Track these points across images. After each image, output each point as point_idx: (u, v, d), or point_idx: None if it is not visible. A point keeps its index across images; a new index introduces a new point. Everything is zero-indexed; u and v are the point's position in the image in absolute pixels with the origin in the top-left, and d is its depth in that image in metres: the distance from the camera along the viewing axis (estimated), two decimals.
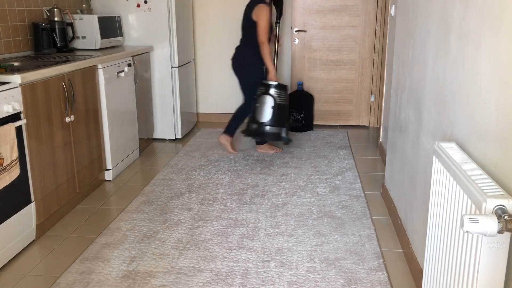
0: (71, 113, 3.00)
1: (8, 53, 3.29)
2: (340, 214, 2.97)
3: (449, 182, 1.45)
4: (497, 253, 1.17)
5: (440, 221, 1.54)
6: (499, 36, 1.36)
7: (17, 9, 3.38)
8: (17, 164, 2.40)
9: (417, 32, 2.42)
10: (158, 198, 3.24)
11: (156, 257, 2.46)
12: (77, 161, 3.10)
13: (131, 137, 3.95)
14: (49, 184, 2.76)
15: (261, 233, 2.73)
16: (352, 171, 3.74)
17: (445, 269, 1.47)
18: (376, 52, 5.00)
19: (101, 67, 3.38)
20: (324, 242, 2.62)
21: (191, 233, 2.72)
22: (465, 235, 1.28)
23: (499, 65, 1.36)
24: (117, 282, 2.24)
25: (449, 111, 1.84)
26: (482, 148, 1.48)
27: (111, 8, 4.39)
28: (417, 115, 2.38)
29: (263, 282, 2.23)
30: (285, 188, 3.40)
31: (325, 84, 5.13)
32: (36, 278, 2.30)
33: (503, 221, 1.10)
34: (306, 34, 5.02)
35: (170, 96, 4.53)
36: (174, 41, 4.44)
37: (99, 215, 3.01)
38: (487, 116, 1.44)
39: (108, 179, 3.60)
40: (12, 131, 2.35)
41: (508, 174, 1.29)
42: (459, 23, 1.73)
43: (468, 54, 1.62)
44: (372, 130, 5.09)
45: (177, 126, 4.65)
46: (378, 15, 4.91)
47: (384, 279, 2.26)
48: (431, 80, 2.11)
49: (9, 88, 2.38)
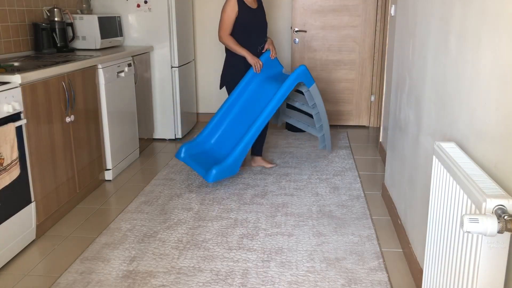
0: (71, 113, 3.00)
1: (8, 53, 3.29)
2: (340, 214, 2.97)
3: (449, 182, 1.45)
4: (497, 253, 1.17)
5: (440, 221, 1.54)
6: (499, 36, 1.36)
7: (17, 9, 3.38)
8: (17, 164, 2.40)
9: (417, 32, 2.42)
10: (158, 198, 3.24)
11: (156, 257, 2.46)
12: (77, 161, 3.10)
13: (131, 137, 3.95)
14: (49, 184, 2.76)
15: (261, 233, 2.73)
16: (352, 171, 3.74)
17: (445, 269, 1.47)
18: (376, 52, 5.00)
19: (101, 67, 3.38)
20: (324, 242, 2.62)
21: (191, 233, 2.73)
22: (465, 235, 1.28)
23: (499, 65, 1.36)
24: (117, 282, 2.24)
25: (449, 111, 1.84)
26: (482, 148, 1.48)
27: (111, 8, 4.39)
28: (417, 115, 2.38)
29: (263, 282, 2.23)
30: (285, 188, 3.40)
31: (325, 84, 5.13)
32: (36, 278, 2.30)
33: (503, 221, 1.10)
34: (306, 34, 5.02)
35: (170, 96, 4.53)
36: (174, 41, 4.44)
37: (99, 215, 3.01)
38: (487, 116, 1.44)
39: (108, 179, 3.60)
40: (12, 131, 2.35)
41: (508, 174, 1.29)
42: (459, 23, 1.73)
43: (468, 54, 1.63)
44: (372, 130, 5.09)
45: (177, 126, 4.65)
46: (378, 15, 4.91)
47: (384, 279, 2.26)
48: (431, 80, 2.11)
49: (9, 88, 2.38)
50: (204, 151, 3.40)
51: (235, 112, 3.51)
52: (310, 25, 4.99)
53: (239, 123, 3.44)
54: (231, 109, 3.50)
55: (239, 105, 3.53)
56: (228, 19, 3.44)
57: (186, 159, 3.28)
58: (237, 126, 3.46)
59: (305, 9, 4.96)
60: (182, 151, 3.34)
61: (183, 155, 3.33)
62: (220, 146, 3.44)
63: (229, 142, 3.43)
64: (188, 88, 4.89)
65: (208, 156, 3.37)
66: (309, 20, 4.98)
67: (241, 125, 3.46)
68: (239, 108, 3.52)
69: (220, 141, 3.49)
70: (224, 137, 3.46)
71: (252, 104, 3.50)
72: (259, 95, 3.50)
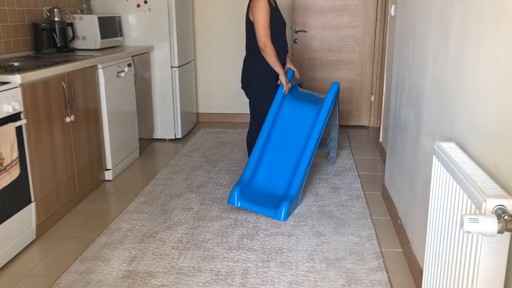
0: (71, 113, 3.00)
1: (8, 53, 3.29)
2: (340, 214, 2.97)
3: (449, 182, 1.45)
4: (497, 253, 1.17)
5: (440, 221, 1.54)
6: (499, 36, 1.36)
7: (17, 9, 3.38)
8: (17, 164, 2.40)
9: (417, 32, 2.42)
10: (158, 198, 3.24)
11: (156, 257, 2.46)
12: (77, 161, 3.10)
13: (131, 137, 3.95)
14: (49, 184, 2.76)
15: (261, 233, 2.73)
16: (352, 171, 3.74)
17: (445, 269, 1.47)
18: (376, 52, 5.00)
19: (101, 67, 3.38)
20: (324, 242, 2.62)
21: (191, 233, 2.73)
22: (465, 235, 1.28)
23: (499, 65, 1.36)
24: (117, 282, 2.24)
25: (449, 111, 1.84)
26: (482, 148, 1.48)
27: (111, 8, 4.39)
28: (417, 115, 2.38)
29: (263, 282, 2.23)
30: None
31: (325, 84, 5.13)
32: (36, 278, 2.30)
33: (503, 221, 1.10)
34: (306, 34, 5.02)
35: (170, 96, 4.53)
36: (174, 41, 4.44)
37: (99, 215, 3.01)
38: (487, 116, 1.44)
39: (108, 179, 3.60)
40: (12, 131, 2.35)
41: (508, 174, 1.29)
42: (459, 23, 1.73)
43: (468, 54, 1.63)
44: (372, 130, 5.09)
45: (177, 126, 4.65)
46: (378, 15, 4.91)
47: (384, 279, 2.26)
48: (431, 80, 2.11)
49: (9, 88, 2.38)
50: (257, 189, 3.11)
51: (274, 141, 3.21)
52: (310, 25, 4.99)
53: (282, 151, 3.16)
54: (269, 138, 3.21)
55: (277, 133, 3.23)
56: (267, 22, 3.03)
57: (243, 203, 2.96)
58: (281, 155, 3.18)
59: (305, 9, 4.96)
60: (235, 197, 2.98)
61: (238, 200, 2.98)
62: (271, 180, 3.15)
63: (279, 174, 3.15)
64: (188, 88, 4.89)
65: (264, 194, 3.08)
66: (309, 20, 4.98)
67: (285, 153, 3.18)
68: (277, 135, 3.22)
69: (268, 175, 3.18)
70: (271, 170, 3.17)
71: (289, 128, 3.22)
72: (293, 117, 3.23)
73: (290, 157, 3.15)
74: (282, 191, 3.08)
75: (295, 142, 3.17)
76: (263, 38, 3.04)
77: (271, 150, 3.18)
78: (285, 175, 3.12)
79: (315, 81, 5.12)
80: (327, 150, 3.92)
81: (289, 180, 3.09)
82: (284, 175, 3.12)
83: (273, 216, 2.90)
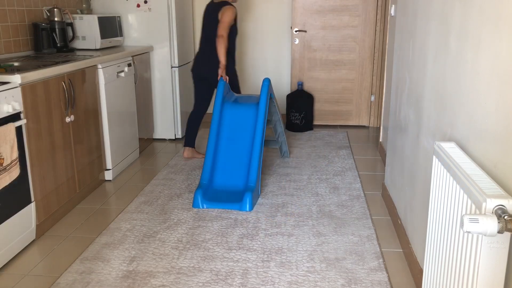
0: (71, 113, 3.00)
1: (8, 53, 3.29)
2: (340, 214, 2.97)
3: (449, 182, 1.45)
4: (497, 253, 1.17)
5: (440, 221, 1.54)
6: (499, 36, 1.36)
7: (17, 9, 3.38)
8: (17, 164, 2.40)
9: (417, 32, 2.42)
10: (158, 198, 3.24)
11: (156, 257, 2.46)
12: (77, 161, 3.10)
13: (131, 137, 3.95)
14: (49, 184, 2.76)
15: (261, 233, 2.73)
16: (352, 171, 3.74)
17: (445, 269, 1.47)
18: (376, 52, 5.00)
19: (101, 67, 3.38)
20: (324, 242, 2.62)
21: (191, 233, 2.72)
22: (465, 235, 1.28)
23: (499, 65, 1.36)
24: (117, 282, 2.24)
25: (449, 111, 1.84)
26: (482, 148, 1.48)
27: (111, 8, 4.39)
28: (417, 115, 2.38)
29: (263, 282, 2.23)
30: (285, 188, 3.40)
31: (325, 84, 5.13)
32: (36, 278, 2.30)
33: (503, 221, 1.10)
34: (306, 34, 5.02)
35: (170, 96, 4.53)
36: (174, 41, 4.44)
37: (99, 215, 3.01)
38: (487, 116, 1.44)
39: (108, 179, 3.60)
40: (12, 131, 2.35)
41: (508, 174, 1.29)
42: (459, 23, 1.73)
43: (468, 54, 1.62)
44: (372, 130, 5.09)
45: (177, 126, 4.65)
46: (378, 15, 4.91)
47: (384, 279, 2.26)
48: (431, 80, 2.11)
49: (9, 88, 2.38)
50: (218, 190, 3.26)
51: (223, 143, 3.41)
52: (310, 25, 4.99)
53: (232, 150, 3.37)
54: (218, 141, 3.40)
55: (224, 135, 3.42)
56: (230, 23, 3.73)
57: (208, 204, 3.07)
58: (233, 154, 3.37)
59: (305, 9, 4.96)
60: (199, 200, 3.09)
61: (202, 203, 3.09)
62: (229, 179, 3.31)
63: (235, 171, 3.32)
64: (188, 88, 4.89)
65: (226, 193, 3.22)
66: (309, 20, 4.98)
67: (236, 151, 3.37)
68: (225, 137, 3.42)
69: (225, 175, 3.34)
70: (227, 169, 3.34)
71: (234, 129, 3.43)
72: (236, 118, 3.45)
73: (241, 154, 3.36)
74: (241, 186, 3.26)
75: (243, 140, 3.40)
76: (223, 30, 3.69)
77: (222, 152, 3.39)
78: (241, 171, 3.31)
79: (315, 81, 5.13)
80: (278, 146, 4.03)
81: (245, 175, 3.28)
82: (240, 171, 3.31)
83: (239, 209, 3.03)
